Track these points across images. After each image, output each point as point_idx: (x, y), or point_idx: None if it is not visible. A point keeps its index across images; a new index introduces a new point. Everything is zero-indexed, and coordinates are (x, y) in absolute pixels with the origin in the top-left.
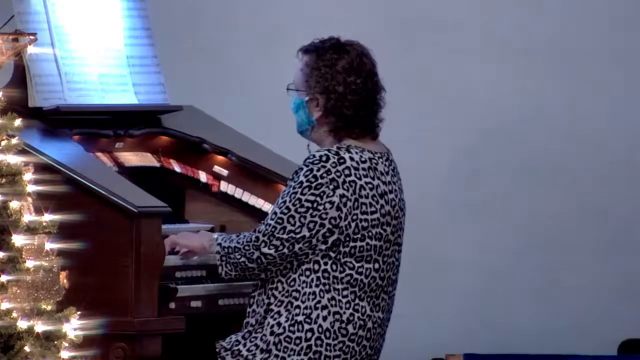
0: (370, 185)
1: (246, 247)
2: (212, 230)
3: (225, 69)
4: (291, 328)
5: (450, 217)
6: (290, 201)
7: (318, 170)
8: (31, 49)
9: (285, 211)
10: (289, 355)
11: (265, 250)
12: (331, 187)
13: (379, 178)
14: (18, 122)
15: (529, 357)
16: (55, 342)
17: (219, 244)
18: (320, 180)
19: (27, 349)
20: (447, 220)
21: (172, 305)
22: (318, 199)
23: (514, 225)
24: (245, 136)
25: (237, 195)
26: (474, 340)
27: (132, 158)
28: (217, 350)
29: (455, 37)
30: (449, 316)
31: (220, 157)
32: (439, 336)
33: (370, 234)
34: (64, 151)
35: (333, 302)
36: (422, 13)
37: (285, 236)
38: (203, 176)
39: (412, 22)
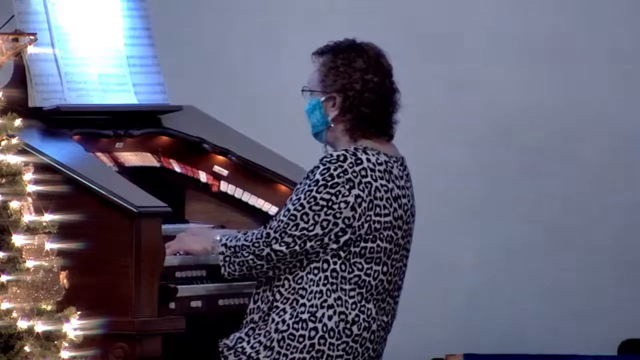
0: (385, 188)
1: (256, 244)
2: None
3: (225, 69)
4: (295, 326)
5: (450, 217)
6: (304, 198)
7: (335, 169)
8: (31, 49)
9: (299, 208)
10: (292, 353)
11: (276, 247)
12: (347, 186)
13: (393, 182)
14: (18, 122)
15: (529, 357)
16: (55, 342)
17: (224, 245)
18: (336, 180)
19: (27, 349)
20: (447, 220)
21: (172, 305)
22: (333, 197)
23: (514, 225)
24: (245, 136)
25: (237, 195)
26: (474, 340)
27: (132, 158)
28: (220, 349)
29: (457, 38)
30: (449, 316)
31: (220, 157)
32: (439, 336)
33: (381, 236)
34: (64, 151)
35: (339, 302)
36: (423, 14)
37: (297, 233)
38: (203, 176)
39: (414, 23)
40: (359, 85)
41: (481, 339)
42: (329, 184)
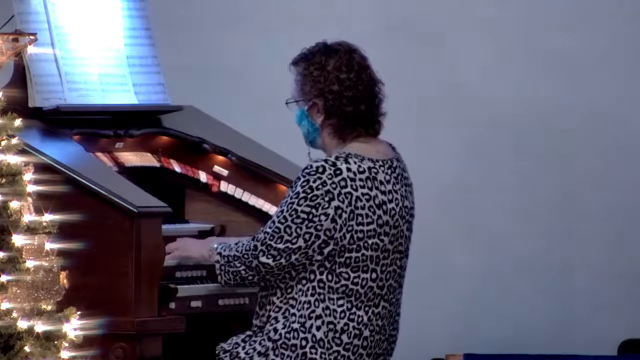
0: (367, 197)
1: (245, 256)
2: (212, 230)
3: (226, 69)
4: (287, 335)
5: (450, 217)
6: (287, 211)
7: (314, 181)
8: (31, 49)
9: (283, 221)
10: None
11: (263, 259)
12: (326, 198)
13: (377, 188)
14: (18, 122)
15: (529, 357)
16: (55, 342)
17: (219, 253)
18: (315, 192)
19: (27, 349)
20: (447, 221)
21: (172, 305)
22: (313, 210)
23: (514, 225)
24: (245, 136)
25: (237, 195)
26: (474, 340)
27: (132, 158)
28: (217, 352)
29: (454, 37)
30: (449, 316)
31: (220, 157)
32: (439, 336)
33: (366, 244)
34: (64, 151)
35: (327, 312)
36: (420, 12)
37: (282, 246)
38: (203, 176)
39: (413, 22)
40: (336, 85)
41: (481, 339)
42: (309, 196)
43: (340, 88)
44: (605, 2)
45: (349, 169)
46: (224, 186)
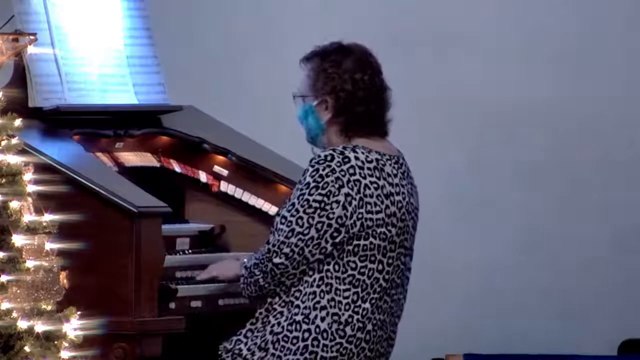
0: (375, 185)
1: (262, 260)
2: (212, 230)
3: (225, 69)
4: (289, 327)
5: (449, 217)
6: (298, 203)
7: (324, 169)
8: (31, 49)
9: (294, 213)
10: (285, 355)
11: (276, 260)
12: (336, 185)
13: (385, 179)
14: (18, 122)
15: (529, 357)
16: (55, 342)
17: (245, 266)
18: (326, 179)
19: (27, 349)
20: (446, 220)
21: (172, 305)
22: (325, 198)
23: (514, 225)
24: (245, 136)
25: (237, 195)
26: (474, 340)
27: (132, 158)
28: (219, 352)
29: (456, 38)
30: (449, 316)
31: (220, 157)
32: (439, 336)
33: (374, 233)
34: (64, 151)
35: (332, 303)
36: (422, 14)
37: (294, 240)
38: (203, 176)
39: (413, 20)
40: (350, 85)
41: (481, 339)
42: (320, 184)
43: (354, 88)
44: (605, 2)
45: (357, 158)
46: (224, 186)
